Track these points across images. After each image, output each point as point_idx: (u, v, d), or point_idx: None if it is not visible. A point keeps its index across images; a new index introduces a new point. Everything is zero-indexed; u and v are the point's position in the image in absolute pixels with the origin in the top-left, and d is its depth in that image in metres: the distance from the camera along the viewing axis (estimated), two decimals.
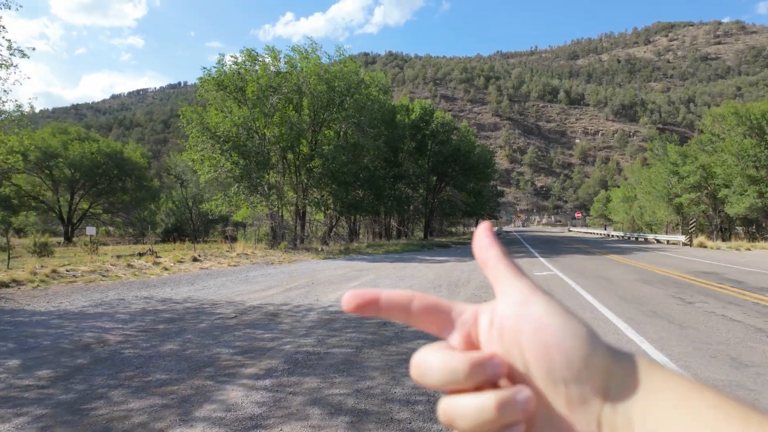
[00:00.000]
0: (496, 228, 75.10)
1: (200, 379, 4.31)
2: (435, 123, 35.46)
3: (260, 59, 23.56)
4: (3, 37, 9.96)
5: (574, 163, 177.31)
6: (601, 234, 57.40)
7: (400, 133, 32.78)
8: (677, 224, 42.32)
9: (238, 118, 22.04)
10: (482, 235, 0.34)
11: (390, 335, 5.95)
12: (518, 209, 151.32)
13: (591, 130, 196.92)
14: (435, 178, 37.57)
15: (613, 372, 0.27)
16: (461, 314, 0.33)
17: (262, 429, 3.28)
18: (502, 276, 0.32)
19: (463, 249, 27.38)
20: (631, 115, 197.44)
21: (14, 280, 9.69)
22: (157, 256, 15.64)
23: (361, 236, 35.29)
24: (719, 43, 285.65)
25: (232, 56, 23.32)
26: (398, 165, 33.89)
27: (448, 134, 36.40)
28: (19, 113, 10.68)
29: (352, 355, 5.06)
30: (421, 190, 36.99)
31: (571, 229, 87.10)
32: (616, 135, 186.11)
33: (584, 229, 75.13)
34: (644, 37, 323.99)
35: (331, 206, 27.59)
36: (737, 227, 40.49)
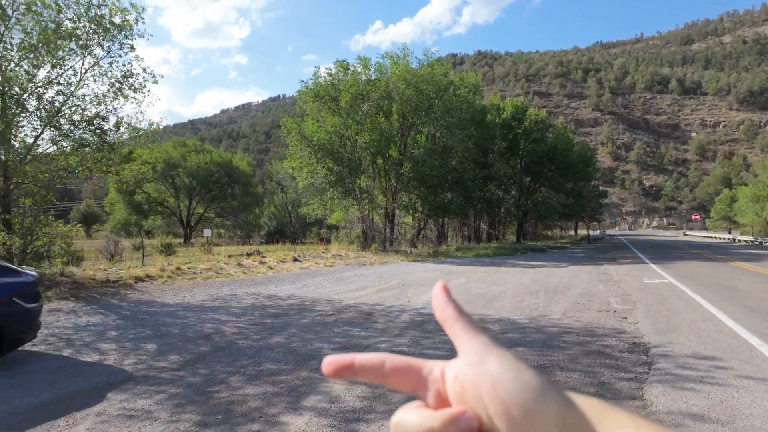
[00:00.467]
0: (598, 231, 69.61)
1: (306, 371, 4.61)
2: (528, 121, 33.98)
3: (352, 68, 24.52)
4: (139, 65, 11.55)
5: (689, 159, 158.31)
6: (724, 239, 50.45)
7: (491, 133, 31.95)
8: None
9: (332, 127, 23.15)
10: (438, 295, 0.36)
11: None
12: (624, 211, 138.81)
13: (710, 121, 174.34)
14: (528, 178, 35.97)
15: (567, 420, 0.28)
16: (431, 372, 0.34)
17: (363, 423, 3.42)
18: (459, 334, 0.34)
19: (561, 253, 25.87)
20: (761, 103, 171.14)
21: (148, 276, 11.17)
22: (263, 256, 16.97)
23: (449, 239, 34.97)
24: None
25: (326, 68, 24.61)
26: (488, 166, 33.03)
27: (542, 132, 34.67)
28: (152, 130, 12.32)
29: (447, 358, 5.05)
30: (513, 192, 35.64)
31: (688, 232, 77.81)
32: (742, 126, 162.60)
33: (703, 233, 66.71)
34: None
35: (420, 209, 27.72)
36: None
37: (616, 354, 5.17)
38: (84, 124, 10.54)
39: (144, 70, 11.46)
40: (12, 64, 10.01)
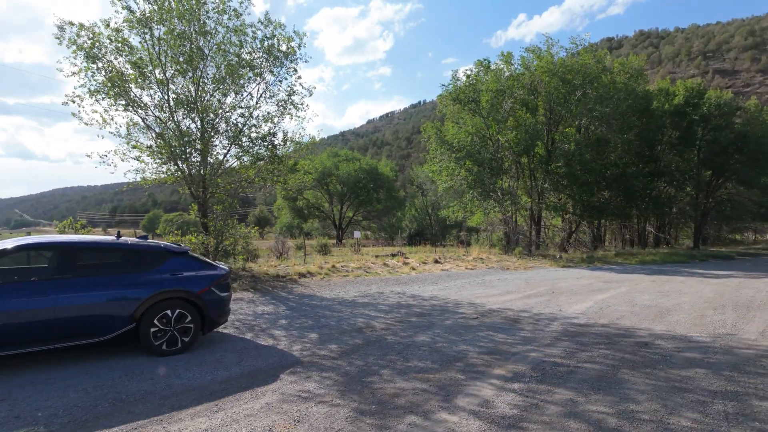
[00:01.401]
0: None
1: (452, 372, 4.65)
2: (707, 105, 28.65)
3: (494, 66, 23.90)
4: (300, 84, 13.04)
5: None
6: None
7: (658, 122, 27.83)
8: None
9: (472, 127, 22.87)
10: None
11: (656, 358, 5.14)
12: None
13: None
14: (709, 172, 30.31)
15: None
16: None
17: (517, 430, 3.31)
18: None
19: (754, 261, 21.34)
20: None
21: (309, 272, 12.51)
22: (406, 257, 17.60)
23: (606, 243, 31.50)
24: None
25: (465, 69, 24.44)
26: (655, 160, 28.80)
27: (727, 117, 28.89)
28: (311, 143, 13.82)
29: (608, 373, 4.59)
30: (687, 189, 30.41)
31: None
32: None
33: None
34: None
35: (571, 210, 25.59)
36: None
37: None
38: (259, 140, 12.35)
39: (302, 86, 12.92)
40: (208, 95, 12.24)
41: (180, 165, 11.75)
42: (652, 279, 13.27)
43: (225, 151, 12.48)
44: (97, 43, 10.78)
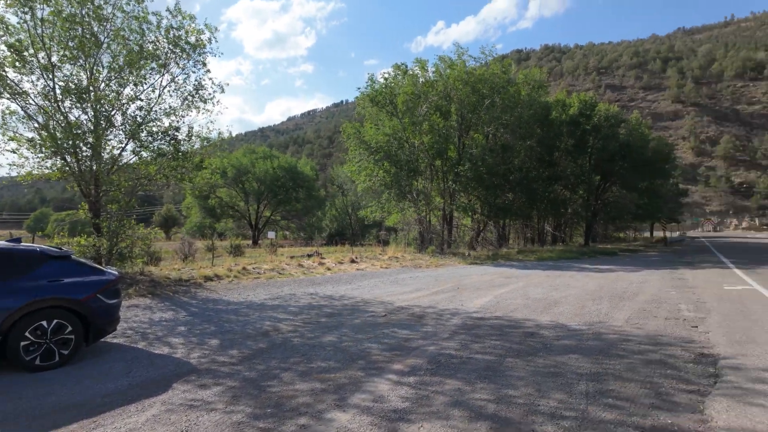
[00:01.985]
0: (677, 233, 64.27)
1: (353, 370, 4.76)
2: (597, 116, 32.10)
3: (410, 71, 24.66)
4: (209, 78, 12.44)
5: None
6: None
7: (556, 131, 30.63)
8: None
9: (390, 129, 23.43)
10: None
11: (538, 346, 5.68)
12: (708, 211, 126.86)
13: None
14: (598, 177, 33.98)
15: None
16: None
17: (405, 423, 3.49)
18: None
19: (632, 257, 24.25)
20: None
21: (216, 275, 11.98)
22: (322, 258, 17.54)
23: (511, 242, 33.92)
24: None
25: (383, 72, 24.96)
26: (553, 165, 31.67)
27: (613, 128, 32.61)
28: (221, 139, 13.22)
29: (494, 363, 4.99)
30: (580, 192, 33.86)
31: None
32: None
33: None
34: None
35: (479, 211, 27.20)
36: None
37: (679, 364, 4.82)
38: (161, 135, 11.56)
39: (212, 81, 12.34)
40: (102, 85, 11.21)
41: (68, 160, 10.64)
42: (546, 274, 14.55)
43: (121, 145, 11.52)
44: None
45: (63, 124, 10.45)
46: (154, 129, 11.59)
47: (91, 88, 10.79)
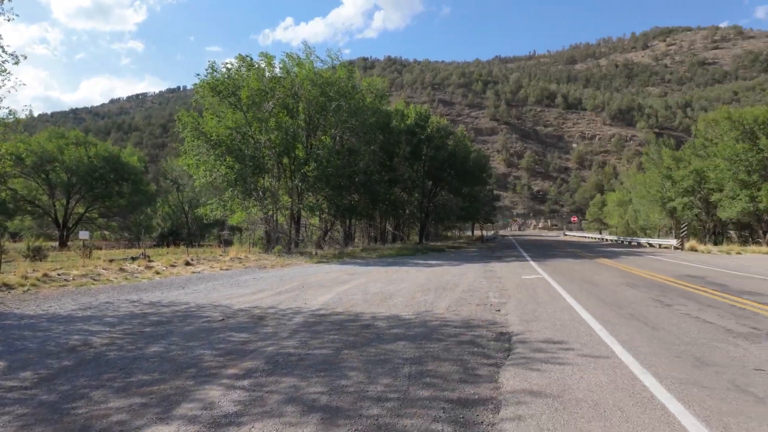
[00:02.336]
0: (492, 232, 75.20)
1: (182, 380, 4.44)
2: (430, 128, 35.68)
3: (255, 65, 23.77)
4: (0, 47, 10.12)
5: (570, 168, 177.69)
6: (595, 238, 57.55)
7: (396, 138, 33.01)
8: (670, 228, 42.56)
9: (233, 123, 22.23)
10: None
11: (372, 337, 6.09)
12: (515, 213, 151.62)
13: (588, 134, 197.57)
14: (430, 182, 37.75)
15: None
16: None
17: (235, 426, 3.42)
18: None
19: (457, 253, 27.52)
20: (628, 120, 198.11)
21: (5, 284, 9.79)
22: (150, 260, 15.74)
23: (356, 240, 35.41)
24: (717, 47, 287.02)
25: (226, 62, 23.57)
26: (394, 169, 34.08)
27: (443, 139, 36.61)
28: (12, 119, 10.81)
29: (331, 356, 5.20)
30: (416, 195, 37.16)
31: (567, 233, 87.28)
32: (613, 139, 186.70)
33: (580, 233, 75.35)
34: (642, 41, 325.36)
35: (326, 210, 27.72)
36: (730, 231, 40.73)
37: (484, 343, 5.72)
38: None
39: (2, 48, 10.06)
40: None
41: None
42: (386, 270, 15.59)
43: None
44: None
45: None
46: None
47: None
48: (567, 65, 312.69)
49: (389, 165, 33.60)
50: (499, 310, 7.92)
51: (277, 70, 24.47)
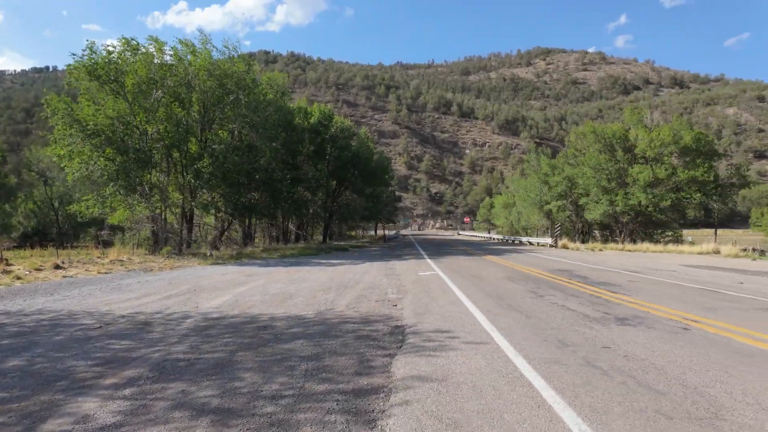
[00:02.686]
0: (393, 232, 77.70)
1: (49, 394, 4.00)
2: (334, 128, 35.74)
3: (143, 49, 21.75)
4: None
5: (464, 172, 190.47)
6: (484, 237, 62.48)
7: (299, 136, 32.48)
8: (547, 228, 47.75)
9: (114, 111, 20.10)
10: None
11: (269, 338, 6.01)
12: (415, 214, 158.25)
13: (479, 141, 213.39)
14: (334, 182, 37.83)
15: None
16: None
17: None
18: None
19: (359, 252, 27.96)
20: (513, 129, 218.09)
21: None
22: (8, 264, 13.64)
23: (257, 241, 34.16)
24: (585, 69, 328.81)
25: (108, 44, 21.25)
26: (297, 168, 33.51)
27: (347, 140, 36.92)
28: None
29: (224, 359, 5.05)
30: (320, 194, 36.97)
31: (461, 232, 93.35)
32: (500, 147, 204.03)
33: (471, 233, 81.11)
34: (526, 59, 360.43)
35: (222, 209, 26.33)
36: (595, 231, 46.89)
37: (380, 336, 5.99)
38: None
39: None
40: None
41: None
42: (287, 270, 15.33)
43: None
44: None
45: None
46: None
47: None
48: (462, 76, 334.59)
49: (292, 163, 32.99)
50: (395, 305, 8.29)
51: (168, 57, 22.65)
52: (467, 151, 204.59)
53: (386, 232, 59.48)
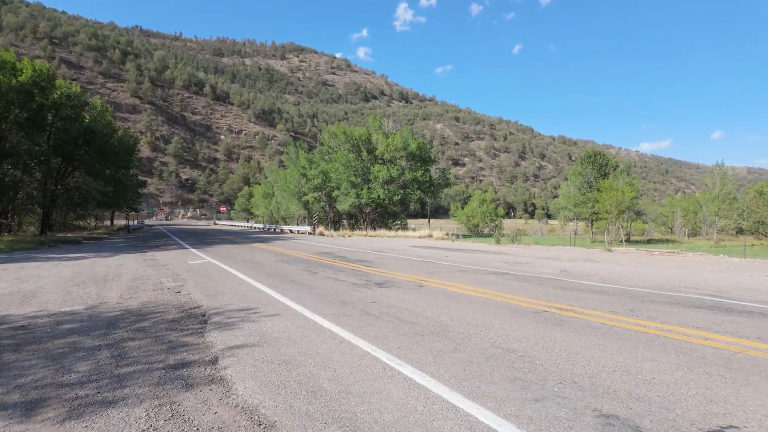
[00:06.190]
0: (137, 221, 67.90)
1: None
2: (58, 93, 29.00)
3: None
4: None
5: (219, 159, 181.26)
6: (244, 227, 61.93)
7: (4, 98, 25.14)
8: (305, 217, 51.10)
9: None
10: None
11: (39, 334, 5.29)
12: (161, 202, 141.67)
13: (235, 128, 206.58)
14: (59, 160, 30.72)
15: None
16: None
17: None
18: None
19: (100, 244, 24.01)
20: (270, 120, 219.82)
21: None
22: None
23: None
24: (334, 73, 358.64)
25: None
26: (2, 139, 25.85)
27: (77, 110, 30.50)
28: None
29: None
30: (37, 174, 29.47)
31: (217, 222, 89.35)
32: (257, 136, 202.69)
33: (230, 223, 78.79)
34: (281, 52, 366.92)
35: None
36: (344, 220, 52.82)
37: (177, 318, 6.07)
38: None
39: None
40: None
41: None
42: (4, 267, 12.29)
43: None
44: None
45: None
46: None
47: None
48: (215, 56, 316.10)
49: None
50: (179, 292, 8.17)
51: None
52: (222, 137, 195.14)
53: (131, 222, 51.70)
